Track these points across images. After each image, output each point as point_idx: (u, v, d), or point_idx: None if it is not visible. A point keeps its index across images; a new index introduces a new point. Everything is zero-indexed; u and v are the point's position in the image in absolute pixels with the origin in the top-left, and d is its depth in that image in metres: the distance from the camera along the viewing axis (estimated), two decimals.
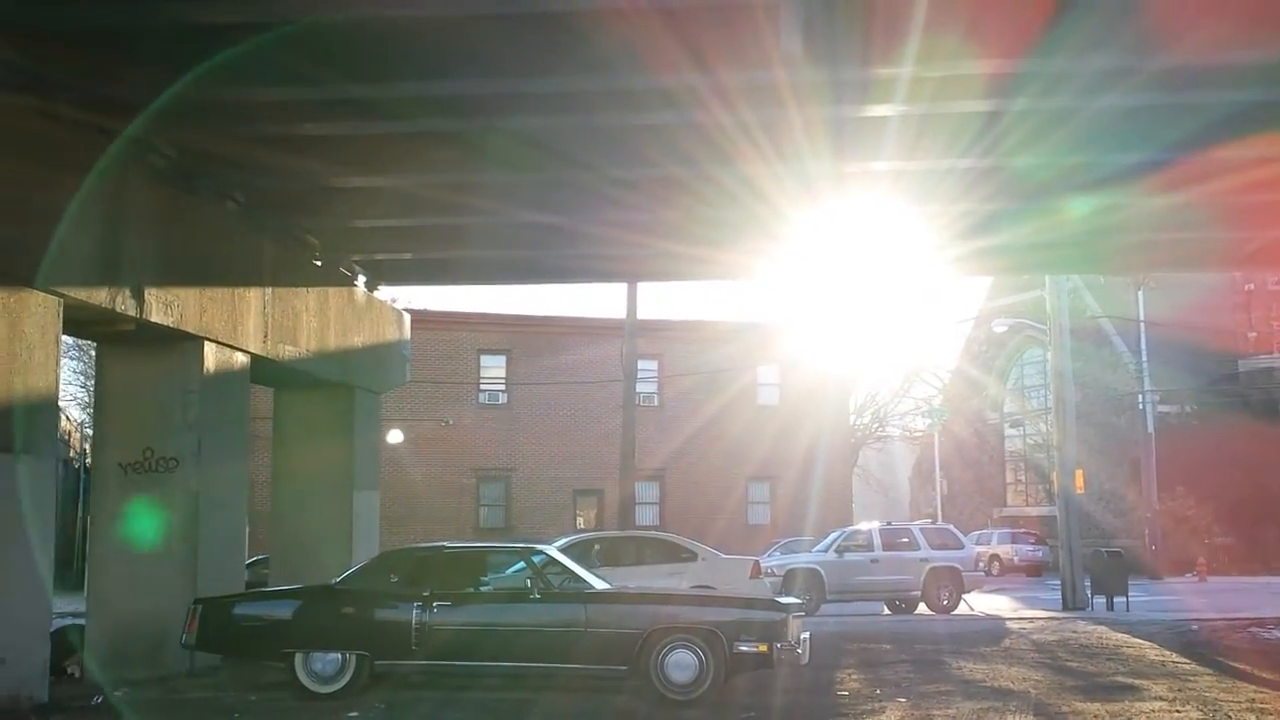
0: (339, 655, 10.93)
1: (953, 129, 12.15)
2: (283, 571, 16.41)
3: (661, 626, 10.51)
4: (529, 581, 10.90)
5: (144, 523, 12.52)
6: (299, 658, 10.97)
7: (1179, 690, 11.41)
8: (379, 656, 10.89)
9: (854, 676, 12.60)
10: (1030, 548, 39.15)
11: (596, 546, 17.90)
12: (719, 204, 14.26)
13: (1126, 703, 10.65)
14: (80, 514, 28.95)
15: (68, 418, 36.56)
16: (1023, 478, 47.60)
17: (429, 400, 33.02)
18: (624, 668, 10.53)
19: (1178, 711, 10.17)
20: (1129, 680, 12.30)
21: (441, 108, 11.49)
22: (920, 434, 50.73)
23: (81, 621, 13.56)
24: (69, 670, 13.05)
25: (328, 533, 16.77)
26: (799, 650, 10.64)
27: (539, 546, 12.09)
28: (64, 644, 13.36)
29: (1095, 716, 9.97)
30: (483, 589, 11.37)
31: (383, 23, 10.08)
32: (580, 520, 34.75)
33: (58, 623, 14.63)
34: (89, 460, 24.89)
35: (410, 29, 10.14)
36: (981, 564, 24.62)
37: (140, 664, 12.44)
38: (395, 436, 13.78)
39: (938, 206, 14.70)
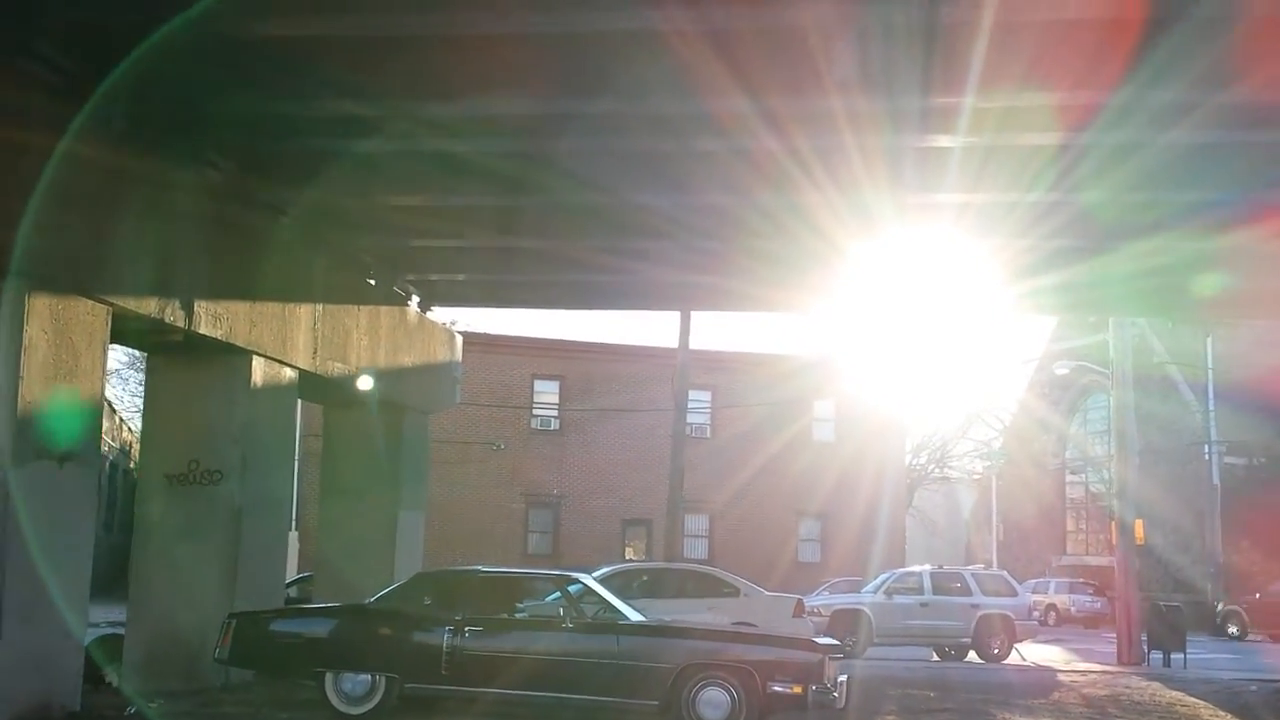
0: (369, 676, 10.84)
1: (1018, 162, 11.87)
2: (326, 588, 16.39)
3: (695, 662, 10.31)
4: (562, 610, 10.75)
5: None
6: (329, 677, 10.89)
7: None
8: (409, 679, 10.79)
9: None
10: (1088, 598, 38.13)
11: (639, 578, 17.72)
12: (770, 235, 14.07)
13: None
14: None
15: (130, 429, 37.03)
16: (1084, 526, 46.55)
17: (481, 423, 33.07)
18: (655, 703, 10.33)
19: None
20: None
21: (490, 128, 11.44)
22: (979, 477, 49.89)
23: (123, 631, 13.60)
24: (108, 679, 13.08)
25: (372, 551, 16.74)
26: (835, 694, 10.37)
27: (574, 575, 11.96)
28: (105, 653, 13.44)
29: None
30: (516, 616, 11.21)
31: (433, 39, 10.06)
32: (630, 551, 34.55)
33: (104, 631, 14.77)
34: None
35: (461, 46, 10.11)
36: (1036, 613, 24.00)
37: (177, 676, 12.42)
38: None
39: (1001, 241, 14.37)
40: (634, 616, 11.33)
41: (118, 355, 35.69)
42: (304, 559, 25.60)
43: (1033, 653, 23.64)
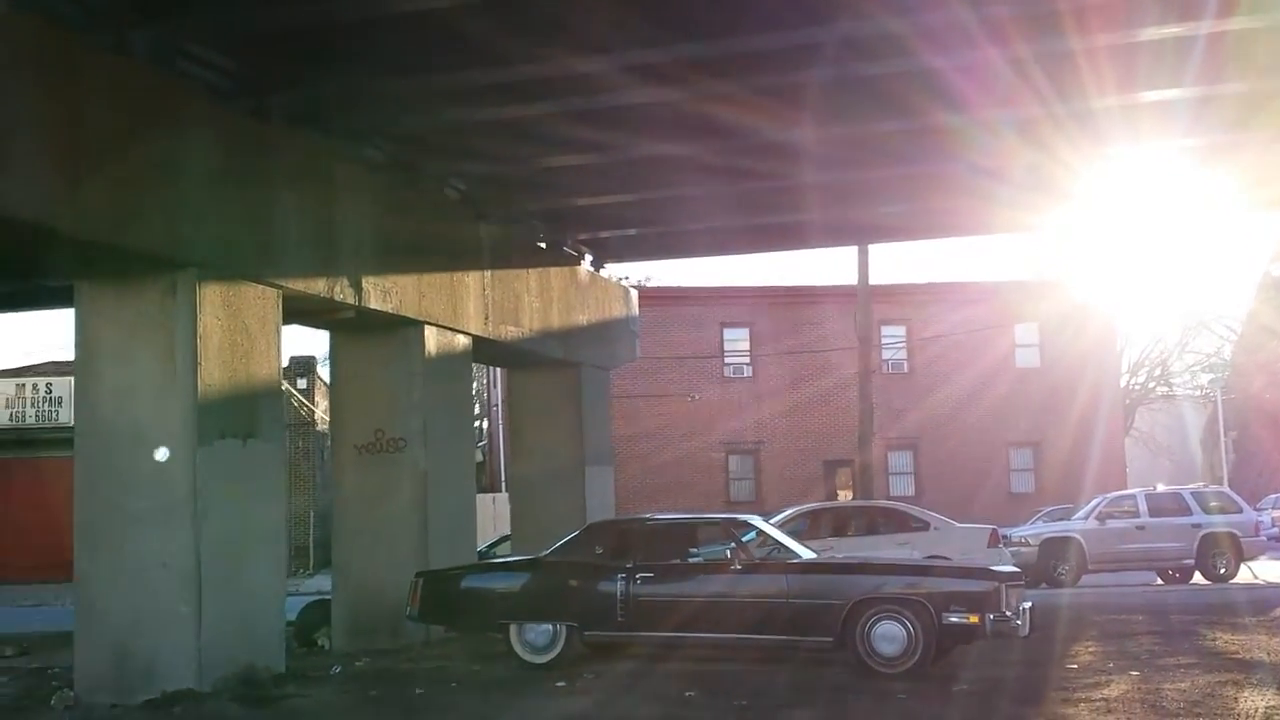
0: (550, 626, 11.12)
1: (1277, 45, 10.90)
2: (523, 546, 16.87)
3: (867, 597, 10.18)
4: (729, 552, 10.77)
5: None
6: (513, 628, 11.23)
7: None
8: (586, 627, 11.02)
9: (1090, 649, 11.85)
10: None
11: (827, 517, 17.62)
12: (987, 152, 13.52)
13: None
14: None
15: None
16: None
17: (675, 375, 33.23)
18: (829, 639, 10.25)
19: None
20: None
21: (691, 73, 11.21)
22: (1205, 391, 47.22)
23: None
24: (319, 642, 13.88)
25: (563, 507, 17.10)
26: (1017, 621, 10.07)
27: (743, 518, 11.96)
28: (315, 617, 14.25)
29: None
30: (685, 561, 11.28)
31: None
32: (842, 492, 34.16)
33: (314, 597, 15.66)
34: None
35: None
36: (1265, 530, 22.62)
37: (382, 635, 13.04)
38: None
39: (1260, 134, 13.30)
40: (806, 555, 11.26)
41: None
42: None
43: (1268, 570, 22.36)
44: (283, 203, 11.37)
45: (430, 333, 13.68)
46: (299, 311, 12.28)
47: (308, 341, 64.88)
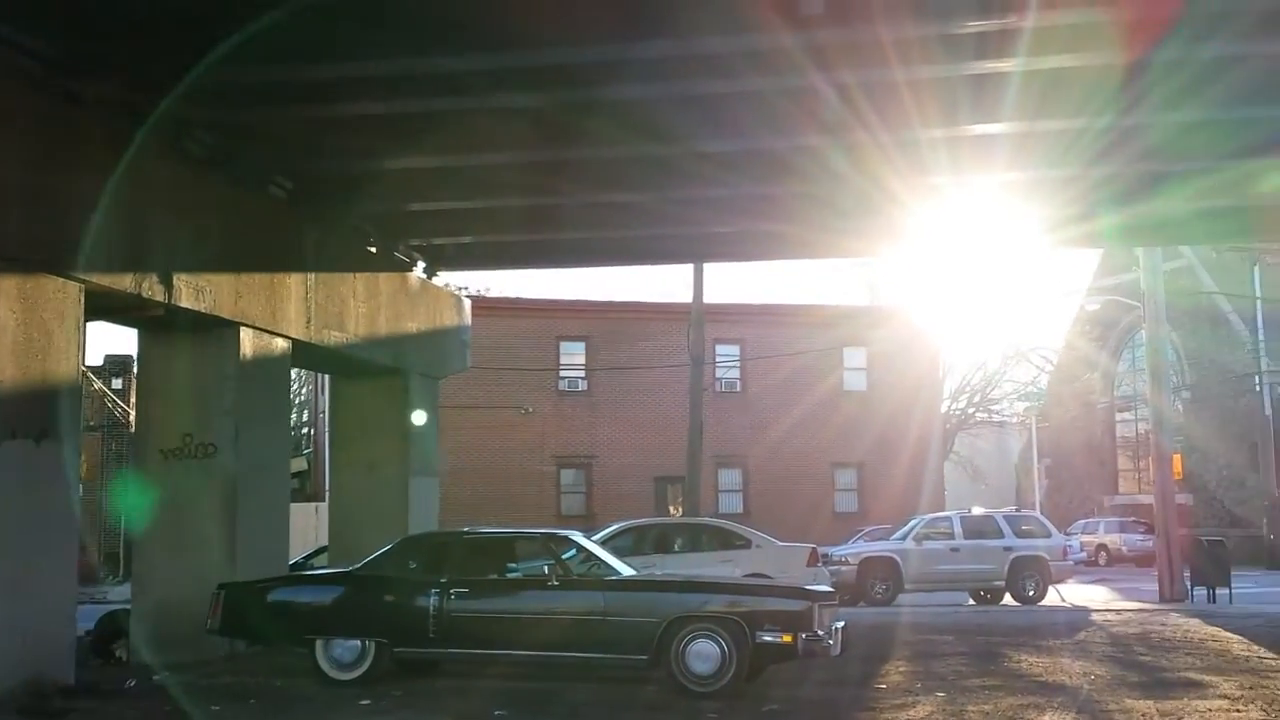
0: (358, 642, 10.79)
1: (1087, 84, 11.23)
2: (340, 557, 16.36)
3: (682, 615, 10.13)
4: (547, 568, 10.61)
5: None
6: (319, 644, 10.86)
7: (1249, 688, 10.59)
8: (398, 644, 10.72)
9: (900, 669, 12.06)
10: (1140, 537, 37.43)
11: (649, 534, 17.61)
12: (815, 178, 13.64)
13: (1184, 700, 9.93)
14: None
15: None
16: (1139, 464, 45.72)
17: (509, 388, 32.91)
18: (644, 657, 10.17)
19: (1237, 711, 9.42)
20: (1199, 676, 11.49)
21: (519, 81, 11.09)
22: (1021, 419, 49.19)
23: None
24: (116, 653, 13.20)
25: (384, 519, 16.60)
26: (829, 641, 10.15)
27: (561, 533, 11.83)
28: (113, 627, 13.56)
29: (1143, 715, 9.30)
30: (502, 576, 11.08)
31: None
32: (673, 509, 34.37)
33: (111, 608, 14.92)
34: None
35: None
36: (1072, 554, 23.57)
37: (183, 648, 12.40)
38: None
39: (1069, 172, 13.73)
40: (625, 572, 11.18)
41: None
42: None
43: (1075, 594, 23.28)
44: (90, 193, 10.75)
45: (246, 334, 13.15)
46: (105, 308, 11.67)
47: (127, 340, 62.14)
